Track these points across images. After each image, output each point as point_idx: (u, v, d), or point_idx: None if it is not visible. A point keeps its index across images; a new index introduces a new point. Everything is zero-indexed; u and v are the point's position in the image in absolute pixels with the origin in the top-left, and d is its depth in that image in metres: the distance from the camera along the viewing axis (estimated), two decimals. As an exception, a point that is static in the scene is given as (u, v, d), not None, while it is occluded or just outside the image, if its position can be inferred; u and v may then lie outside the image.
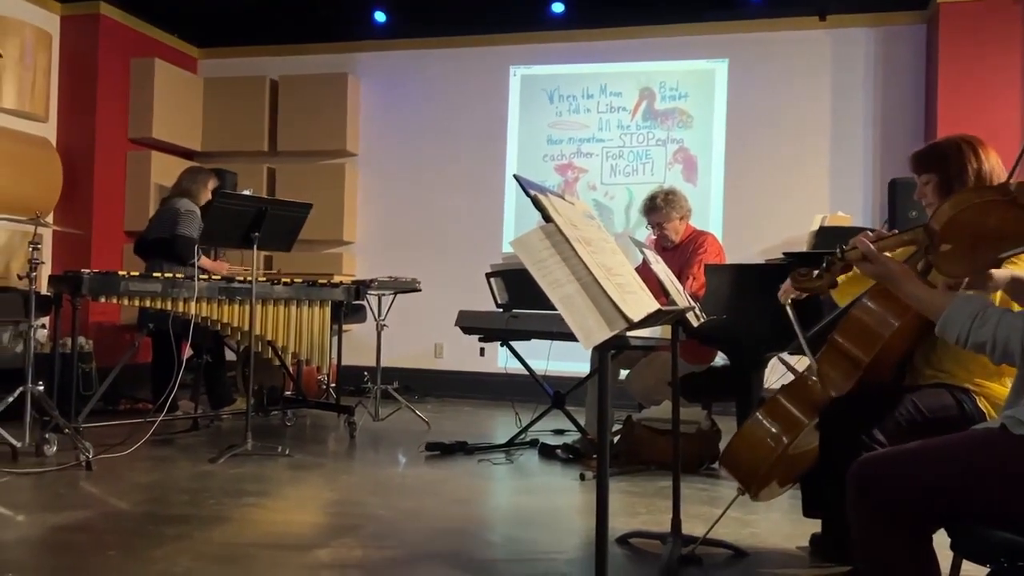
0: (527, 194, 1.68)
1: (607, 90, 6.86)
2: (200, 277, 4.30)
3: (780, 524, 3.12)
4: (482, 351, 4.68)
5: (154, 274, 4.32)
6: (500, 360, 5.92)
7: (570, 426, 4.51)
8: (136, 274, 4.23)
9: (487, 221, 6.96)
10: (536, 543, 2.89)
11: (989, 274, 1.91)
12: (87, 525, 2.94)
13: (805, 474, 2.59)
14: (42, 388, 3.90)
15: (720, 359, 4.31)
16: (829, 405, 2.30)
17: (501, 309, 4.52)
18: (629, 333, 1.57)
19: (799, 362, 2.54)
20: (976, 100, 5.71)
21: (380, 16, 6.82)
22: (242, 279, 4.51)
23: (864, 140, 6.40)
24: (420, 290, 5.53)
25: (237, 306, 4.45)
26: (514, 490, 3.86)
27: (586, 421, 4.44)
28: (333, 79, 7.11)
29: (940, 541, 1.65)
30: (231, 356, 5.51)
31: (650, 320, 1.66)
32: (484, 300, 4.68)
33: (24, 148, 6.08)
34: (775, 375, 3.10)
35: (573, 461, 4.21)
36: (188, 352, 4.78)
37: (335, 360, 5.33)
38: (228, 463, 3.93)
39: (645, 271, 2.80)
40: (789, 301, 2.51)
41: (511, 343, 4.61)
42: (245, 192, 5.15)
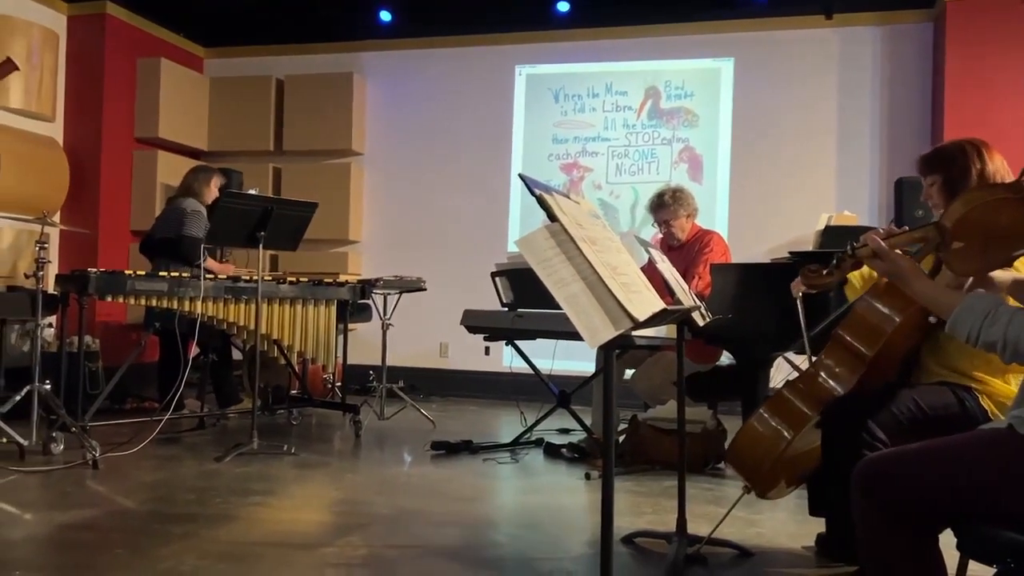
0: (532, 193, 1.68)
1: (612, 89, 6.85)
2: (206, 276, 4.31)
3: (786, 524, 3.12)
4: (487, 350, 4.69)
5: (160, 273, 4.34)
6: (505, 359, 5.93)
7: (575, 425, 4.51)
8: (142, 273, 4.25)
9: (492, 220, 6.96)
10: (541, 542, 2.89)
11: (990, 277, 1.90)
12: (94, 523, 2.95)
13: (812, 473, 2.59)
14: (49, 387, 3.92)
15: (726, 358, 4.31)
16: (830, 404, 2.30)
17: (506, 308, 4.51)
18: (634, 332, 1.57)
19: (804, 361, 2.54)
20: (983, 99, 5.69)
21: (385, 15, 6.83)
22: (248, 278, 4.53)
23: (870, 139, 6.38)
24: (425, 289, 5.54)
25: (243, 305, 4.47)
26: (519, 489, 3.86)
27: (591, 420, 4.44)
28: (339, 79, 7.12)
29: (946, 541, 1.64)
30: (237, 355, 5.52)
31: (655, 319, 1.66)
32: (489, 299, 4.68)
33: (31, 148, 6.10)
34: (780, 374, 3.10)
35: (578, 460, 4.21)
36: (194, 351, 4.80)
37: (341, 359, 5.34)
38: (234, 462, 3.94)
39: (650, 270, 2.80)
40: (800, 295, 2.51)
41: (516, 342, 4.61)
42: (251, 191, 5.15)
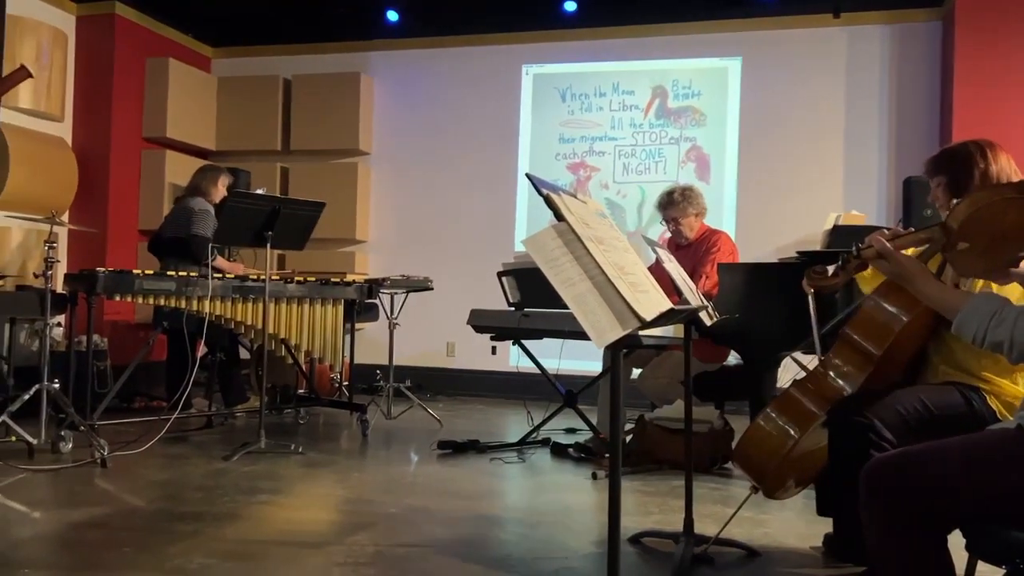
0: (539, 193, 1.68)
1: (620, 88, 6.84)
2: (214, 276, 4.32)
3: (793, 524, 3.11)
4: (494, 350, 4.67)
5: (168, 273, 4.35)
6: (512, 359, 5.92)
7: (582, 425, 4.51)
8: (150, 272, 4.26)
9: (499, 220, 6.96)
10: (548, 542, 2.88)
11: (1008, 272, 1.89)
12: (102, 522, 2.96)
13: (820, 473, 2.58)
14: (58, 386, 3.93)
15: (733, 358, 4.30)
16: (837, 403, 2.29)
17: (513, 308, 4.51)
18: (641, 332, 1.57)
19: (812, 361, 2.54)
20: (992, 98, 5.66)
21: (393, 15, 6.83)
22: (256, 278, 4.54)
23: (879, 138, 6.35)
24: (432, 289, 5.54)
25: (251, 304, 4.48)
26: (526, 489, 3.86)
27: (598, 420, 4.43)
28: (346, 78, 7.13)
29: (955, 542, 1.63)
30: (245, 354, 5.54)
31: (663, 319, 1.66)
32: (496, 299, 4.68)
33: (40, 147, 6.13)
34: (788, 374, 3.09)
35: (585, 460, 4.21)
36: (202, 350, 4.81)
37: (348, 358, 5.35)
38: (241, 461, 3.95)
39: (658, 270, 2.79)
40: (812, 291, 2.50)
41: (523, 342, 4.61)
42: (258, 191, 5.17)
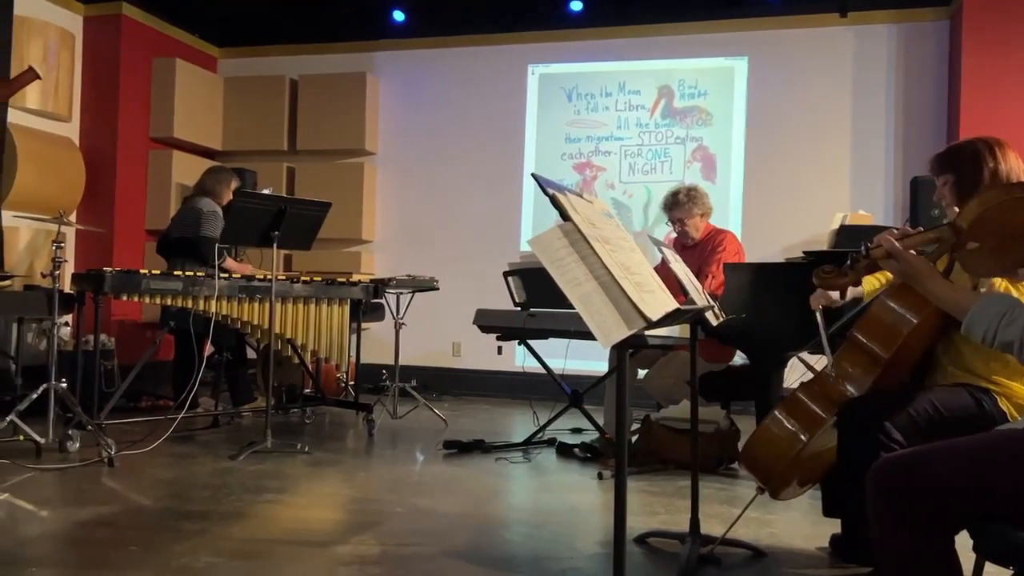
0: (545, 193, 1.67)
1: (626, 88, 6.83)
2: (220, 276, 4.33)
3: (800, 524, 3.10)
4: (500, 350, 4.69)
5: (175, 272, 4.36)
6: (518, 359, 5.93)
7: (588, 425, 4.51)
8: (157, 272, 4.27)
9: (505, 220, 6.96)
10: (554, 542, 2.88)
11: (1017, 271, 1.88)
12: (109, 520, 2.97)
13: (826, 474, 2.57)
14: (65, 385, 3.94)
15: (739, 358, 4.29)
16: (846, 404, 2.28)
17: (519, 308, 4.51)
18: (647, 332, 1.56)
19: (818, 361, 2.53)
20: (1000, 97, 5.64)
21: (399, 15, 6.84)
22: (262, 278, 4.55)
23: (886, 138, 6.34)
24: (438, 289, 5.55)
25: (257, 304, 4.49)
26: (532, 489, 3.86)
27: (604, 420, 4.43)
28: (352, 78, 7.14)
29: (963, 543, 1.63)
30: (251, 354, 5.55)
31: (668, 319, 1.66)
32: (502, 299, 4.68)
33: (48, 148, 6.15)
34: (795, 374, 3.08)
35: (591, 460, 4.21)
36: (209, 350, 4.82)
37: (354, 358, 5.36)
38: (248, 460, 3.96)
39: (664, 270, 2.79)
40: (820, 308, 2.49)
41: (529, 342, 4.61)
42: (265, 191, 5.17)
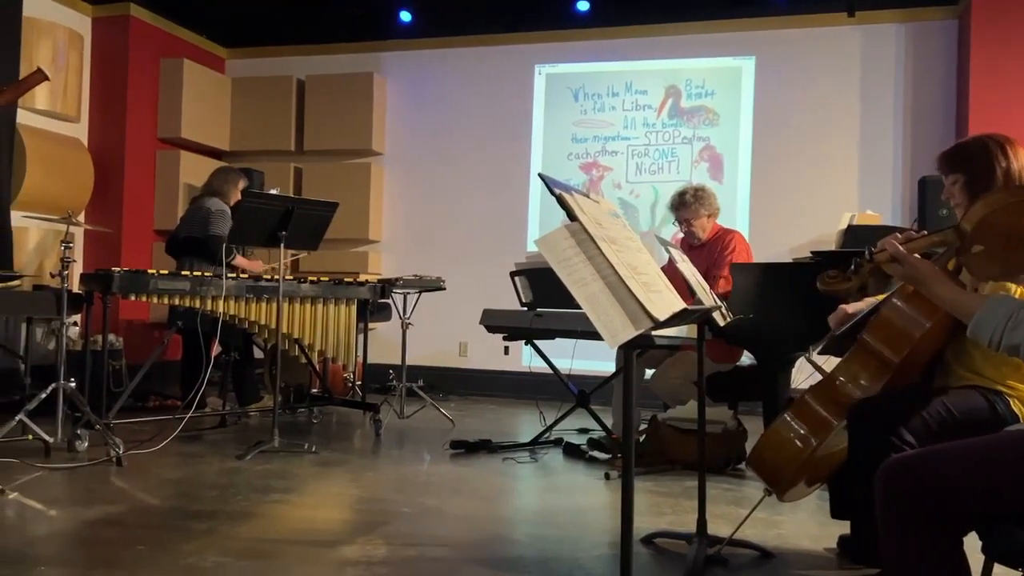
0: (552, 193, 1.68)
1: (632, 88, 6.83)
2: (228, 276, 4.35)
3: (807, 525, 3.09)
4: (506, 350, 4.68)
5: (183, 272, 4.37)
6: (524, 359, 5.92)
7: (595, 425, 4.50)
8: (165, 272, 4.29)
9: (512, 220, 6.97)
10: (561, 542, 2.88)
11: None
12: (117, 519, 2.98)
13: (833, 475, 2.56)
14: (74, 385, 3.95)
15: (746, 358, 4.28)
16: (858, 406, 2.27)
17: (526, 308, 4.51)
18: (654, 332, 1.56)
19: (827, 362, 2.52)
20: (1009, 97, 5.61)
21: (406, 16, 6.85)
22: (269, 277, 4.56)
23: (894, 138, 6.31)
24: (445, 289, 5.55)
25: (264, 304, 4.51)
26: (538, 489, 3.86)
27: (611, 420, 4.43)
28: (359, 79, 7.15)
29: (972, 544, 1.62)
30: (259, 354, 5.56)
31: (676, 319, 1.66)
32: (509, 299, 4.68)
33: (56, 148, 6.18)
34: (802, 375, 3.07)
35: (597, 460, 4.20)
36: (216, 350, 4.83)
37: (361, 358, 5.36)
38: (255, 459, 3.96)
39: (671, 270, 2.78)
40: (842, 330, 2.46)
41: (535, 342, 4.61)
42: (272, 191, 5.18)
